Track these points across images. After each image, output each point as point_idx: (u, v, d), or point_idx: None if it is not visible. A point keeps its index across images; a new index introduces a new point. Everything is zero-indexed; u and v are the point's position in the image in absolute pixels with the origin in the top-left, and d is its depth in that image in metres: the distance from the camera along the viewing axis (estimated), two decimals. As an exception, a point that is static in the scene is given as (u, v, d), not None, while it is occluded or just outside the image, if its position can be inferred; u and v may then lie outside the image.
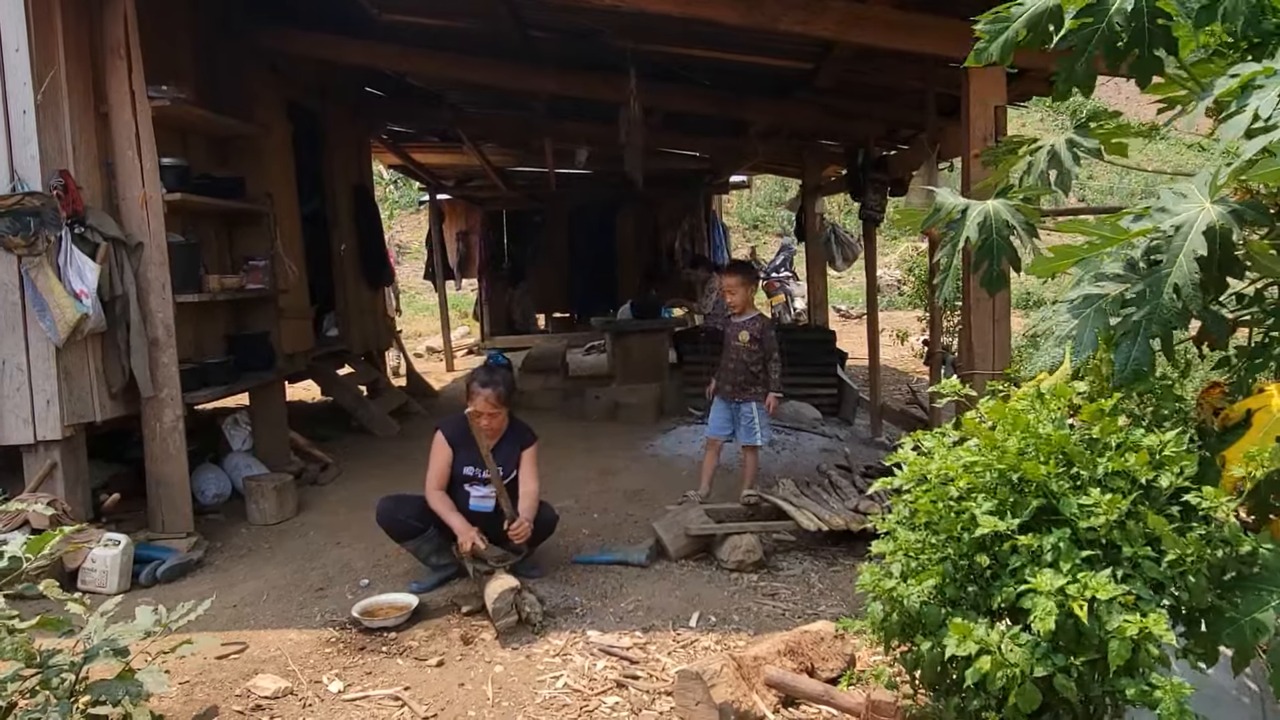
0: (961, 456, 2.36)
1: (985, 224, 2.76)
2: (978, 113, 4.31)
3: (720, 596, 4.06)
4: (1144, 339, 2.21)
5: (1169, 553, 2.07)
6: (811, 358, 7.71)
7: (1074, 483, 2.21)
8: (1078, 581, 2.02)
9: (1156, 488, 2.15)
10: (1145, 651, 1.99)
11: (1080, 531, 2.13)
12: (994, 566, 2.25)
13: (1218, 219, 2.12)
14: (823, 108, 6.71)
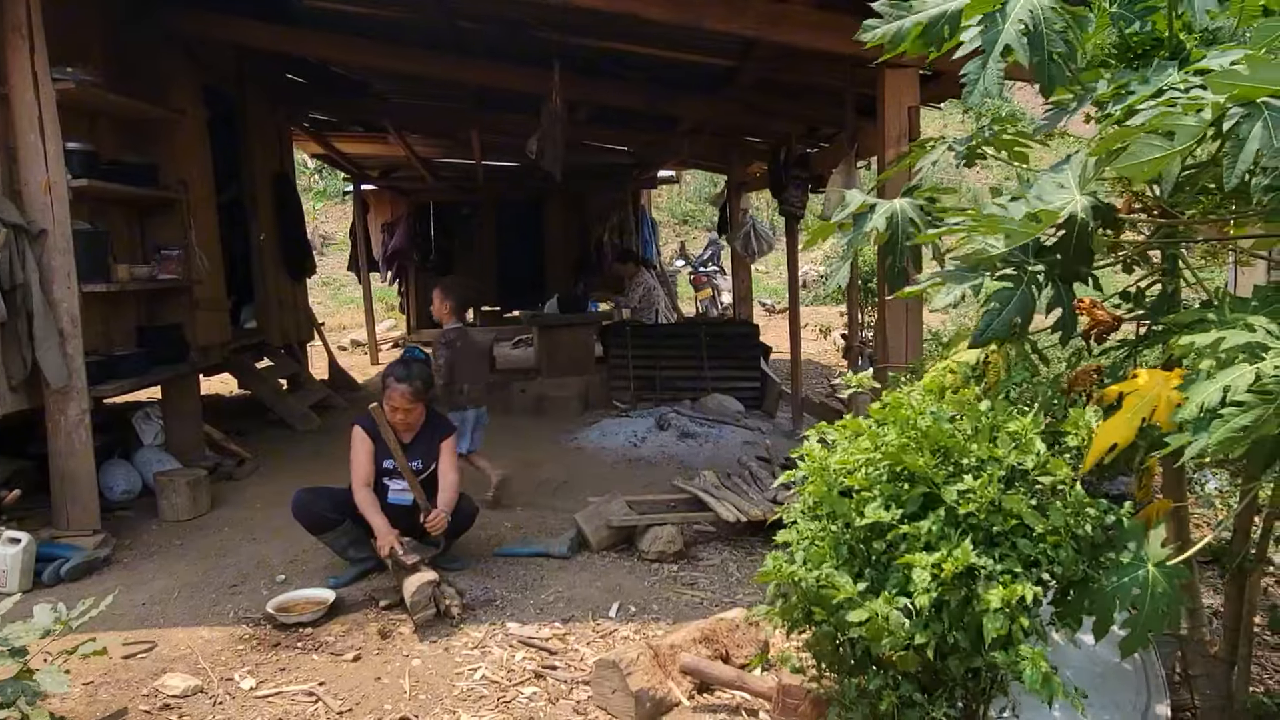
0: (857, 450, 2.46)
1: (892, 220, 2.87)
2: (892, 113, 4.43)
3: (640, 587, 4.11)
4: (1007, 315, 2.34)
5: (1039, 530, 2.19)
6: (735, 351, 7.83)
7: (952, 470, 2.31)
8: (952, 558, 2.13)
9: (1025, 469, 2.27)
10: (1018, 624, 2.10)
11: (960, 517, 2.24)
12: (890, 553, 2.35)
13: (1081, 211, 2.24)
14: (747, 105, 6.81)
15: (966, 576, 2.18)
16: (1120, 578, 2.25)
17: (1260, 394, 1.99)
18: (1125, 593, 2.24)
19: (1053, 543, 2.19)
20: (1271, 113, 2.09)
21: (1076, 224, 2.29)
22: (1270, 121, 2.08)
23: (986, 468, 2.30)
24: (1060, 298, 2.49)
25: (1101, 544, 2.37)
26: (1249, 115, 2.13)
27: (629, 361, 7.96)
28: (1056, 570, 2.20)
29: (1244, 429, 1.98)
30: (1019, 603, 2.14)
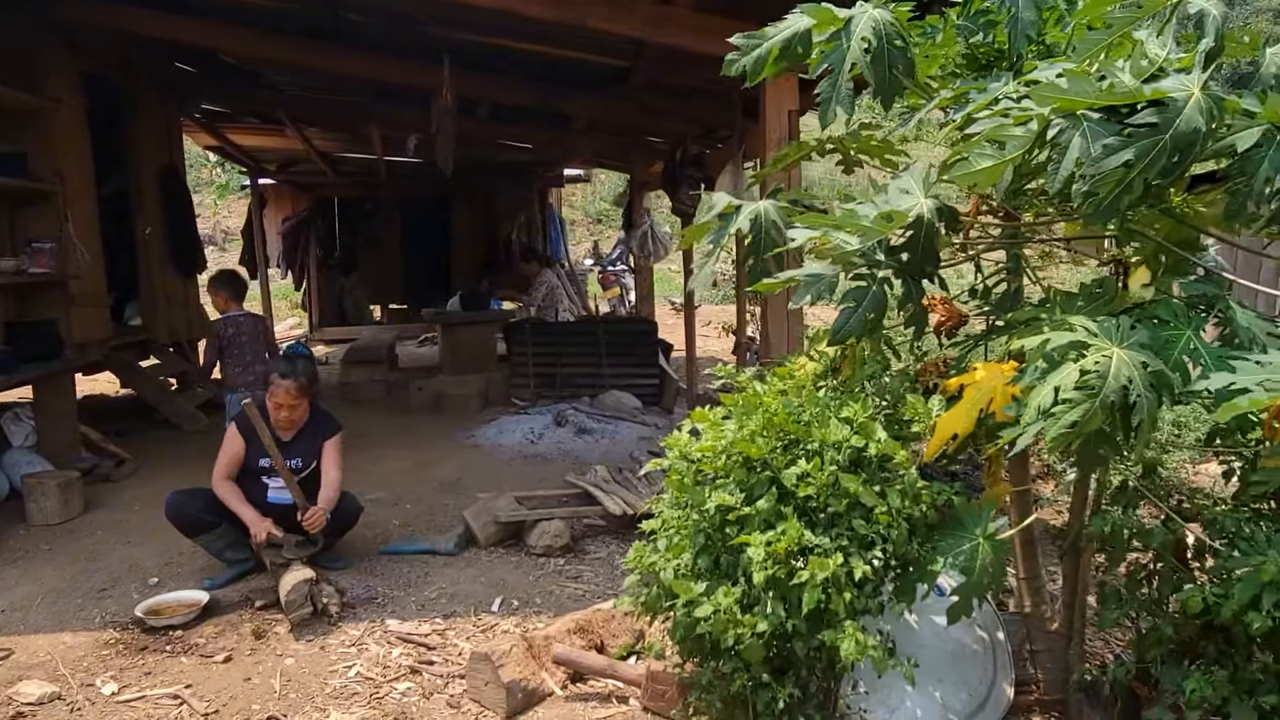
0: (713, 438, 2.55)
1: (756, 221, 2.97)
2: (773, 115, 4.57)
3: (525, 581, 4.14)
4: (862, 311, 2.46)
5: (877, 510, 2.32)
6: (633, 348, 7.91)
7: (796, 456, 2.42)
8: (785, 536, 2.23)
9: (867, 455, 2.40)
10: (840, 598, 2.21)
11: (800, 500, 2.34)
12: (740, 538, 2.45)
13: (927, 212, 2.38)
14: (640, 105, 6.89)
15: (803, 555, 2.29)
16: (954, 547, 2.40)
17: (1084, 390, 2.15)
18: (957, 559, 2.39)
19: (885, 522, 2.31)
20: (1090, 124, 2.26)
21: (924, 224, 2.43)
22: (1088, 133, 2.25)
23: (826, 452, 2.41)
24: (910, 294, 2.63)
25: (936, 524, 2.51)
26: (1070, 126, 2.30)
27: (529, 359, 7.96)
28: (889, 549, 2.32)
29: (1074, 424, 2.13)
30: (847, 578, 2.26)
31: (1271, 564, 2.23)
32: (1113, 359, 2.15)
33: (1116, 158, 2.15)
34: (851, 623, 2.21)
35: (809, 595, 2.19)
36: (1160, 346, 2.26)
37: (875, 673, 2.79)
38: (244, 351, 5.75)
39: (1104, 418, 2.12)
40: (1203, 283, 2.42)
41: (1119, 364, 2.14)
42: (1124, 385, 2.13)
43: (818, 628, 2.26)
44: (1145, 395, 2.12)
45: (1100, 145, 2.18)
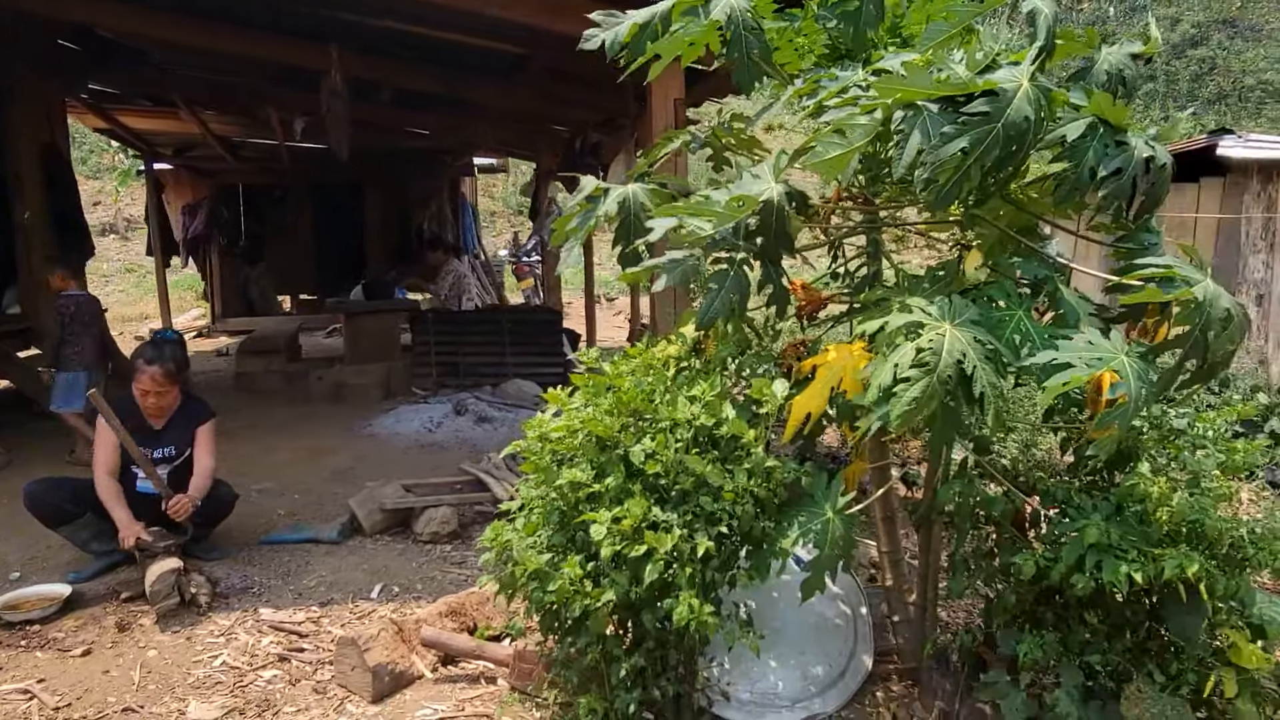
0: (570, 417, 2.57)
1: (624, 205, 3.00)
2: (659, 104, 4.61)
3: (409, 568, 4.11)
4: (725, 294, 2.52)
5: (725, 488, 2.38)
6: (538, 337, 7.90)
7: (642, 434, 2.47)
8: (630, 513, 2.27)
9: (719, 434, 2.45)
10: (682, 572, 2.27)
11: (649, 477, 2.39)
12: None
13: (777, 198, 2.44)
14: (542, 92, 6.87)
15: (653, 530, 2.33)
16: (806, 523, 2.47)
17: (921, 367, 2.24)
18: (808, 534, 2.46)
19: (730, 500, 2.37)
20: (930, 115, 2.35)
21: (774, 208, 2.49)
22: (929, 123, 2.35)
23: (676, 430, 2.46)
24: (770, 277, 2.69)
25: (787, 501, 2.59)
26: (911, 116, 2.39)
27: (431, 348, 7.88)
28: (735, 525, 2.38)
29: (915, 400, 2.22)
30: (690, 553, 2.31)
31: (1093, 527, 2.36)
32: (946, 336, 2.25)
33: (953, 145, 2.24)
34: (687, 592, 2.25)
35: (650, 568, 2.23)
36: (993, 325, 2.37)
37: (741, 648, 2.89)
38: (80, 332, 5.66)
39: (942, 393, 2.22)
40: (1035, 266, 2.54)
41: (952, 341, 2.24)
42: (958, 360, 2.22)
43: (663, 599, 2.31)
44: (981, 367, 2.23)
45: (939, 133, 2.27)
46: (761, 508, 2.46)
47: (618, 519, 2.27)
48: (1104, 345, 2.22)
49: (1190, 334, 2.20)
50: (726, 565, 2.48)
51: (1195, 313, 2.20)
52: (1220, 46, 29.74)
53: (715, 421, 2.45)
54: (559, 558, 2.44)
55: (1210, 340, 2.21)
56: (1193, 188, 8.94)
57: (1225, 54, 29.54)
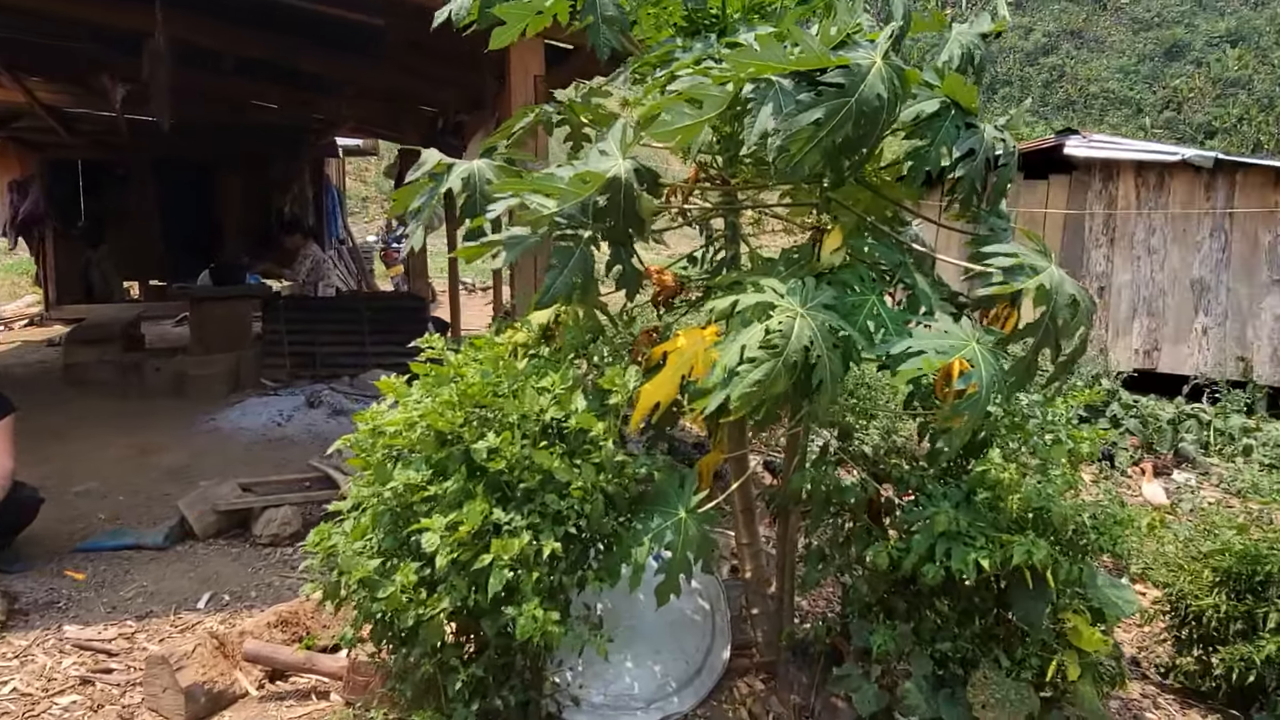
0: (405, 410, 2.37)
1: (469, 181, 2.80)
2: (519, 81, 4.42)
3: (244, 573, 3.79)
4: (568, 275, 2.37)
5: (574, 485, 2.22)
6: (400, 326, 7.53)
7: (485, 430, 2.29)
8: (469, 518, 2.10)
9: (569, 427, 2.30)
10: (528, 577, 2.11)
11: (493, 475, 2.22)
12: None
13: (625, 174, 2.30)
14: (406, 68, 6.53)
15: (491, 534, 2.16)
16: (659, 524, 2.34)
17: (769, 349, 2.14)
18: (660, 538, 2.34)
19: (578, 497, 2.22)
20: (781, 90, 2.26)
21: (621, 186, 2.34)
22: (780, 97, 2.25)
23: (523, 424, 2.29)
24: (620, 257, 2.54)
25: (640, 498, 2.45)
26: (763, 88, 2.29)
27: (283, 337, 7.42)
28: (583, 524, 2.23)
29: (758, 383, 2.11)
30: (535, 556, 2.15)
31: (943, 515, 2.32)
32: (796, 320, 2.16)
33: (808, 115, 2.15)
34: (533, 599, 2.09)
35: (495, 577, 2.06)
36: (847, 310, 2.30)
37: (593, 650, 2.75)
38: None
39: (789, 377, 2.13)
40: (891, 251, 2.49)
41: (803, 325, 2.15)
42: (806, 345, 2.13)
43: (505, 605, 2.14)
44: (827, 355, 2.14)
45: (793, 102, 2.18)
46: (612, 504, 2.32)
47: (453, 526, 2.08)
48: (956, 333, 2.17)
49: (1041, 321, 2.18)
50: (575, 566, 2.33)
51: (1042, 300, 2.18)
52: (1069, 55, 31.57)
53: (565, 414, 2.29)
54: (391, 563, 2.23)
55: (1059, 326, 2.20)
56: (1043, 184, 9.37)
57: (1073, 63, 31.38)
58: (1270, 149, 22.70)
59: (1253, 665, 2.97)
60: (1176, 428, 6.93)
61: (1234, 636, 3.06)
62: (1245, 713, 3.10)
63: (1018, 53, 31.09)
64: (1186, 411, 7.18)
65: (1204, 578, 3.19)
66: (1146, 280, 8.79)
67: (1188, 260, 8.59)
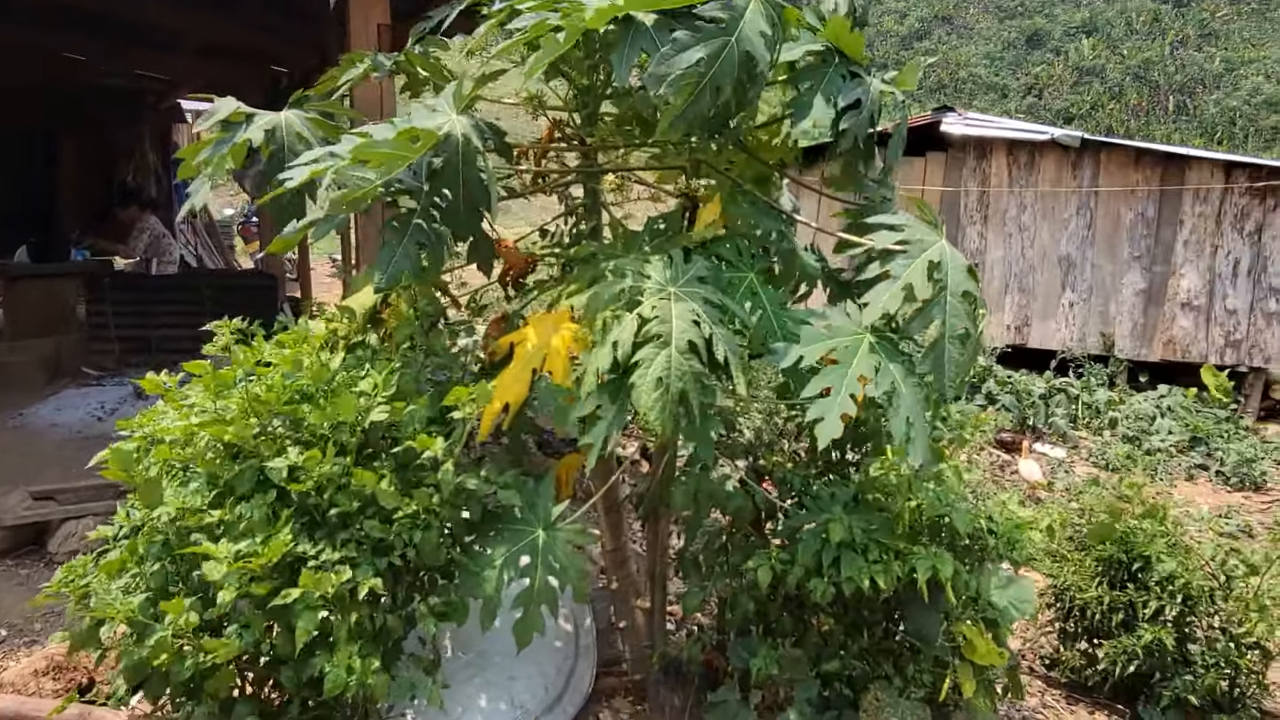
0: (183, 418, 1.92)
1: (275, 134, 2.35)
2: (359, 27, 3.97)
3: (27, 601, 3.22)
4: (404, 251, 1.97)
5: (401, 510, 1.83)
6: (246, 306, 6.86)
7: (290, 441, 1.88)
8: (269, 549, 1.69)
9: (399, 439, 1.91)
10: (345, 620, 1.72)
11: (300, 498, 1.81)
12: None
13: (461, 132, 1.91)
14: (258, 25, 5.87)
15: (297, 568, 1.75)
16: (511, 548, 1.98)
17: (653, 341, 1.79)
18: (513, 564, 1.98)
19: (405, 525, 1.83)
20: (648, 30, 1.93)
21: (459, 145, 1.95)
22: (650, 36, 1.92)
23: (335, 436, 1.88)
24: (463, 229, 2.15)
25: (487, 517, 2.08)
26: (626, 29, 1.95)
27: (110, 319, 6.64)
28: (411, 554, 1.85)
29: (660, 382, 1.76)
30: (351, 595, 1.76)
31: (838, 523, 2.03)
32: (671, 302, 1.82)
33: (688, 55, 1.82)
34: (347, 646, 1.70)
35: (305, 619, 1.65)
36: (723, 288, 1.98)
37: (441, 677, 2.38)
38: None
39: (689, 364, 1.78)
40: (770, 218, 2.18)
41: (680, 308, 1.81)
42: (693, 321, 1.80)
43: (315, 652, 1.74)
44: (719, 331, 1.82)
45: (668, 40, 1.84)
46: (448, 529, 1.94)
47: (246, 555, 1.66)
48: (844, 327, 1.88)
49: (937, 300, 1.91)
50: (405, 603, 1.94)
51: (936, 278, 1.91)
52: (940, 41, 32.56)
53: (394, 422, 1.89)
54: (159, 603, 1.79)
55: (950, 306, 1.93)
56: (920, 161, 9.39)
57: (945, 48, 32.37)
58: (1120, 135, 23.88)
59: (1135, 656, 2.84)
60: (1048, 403, 7.01)
61: (1117, 628, 2.93)
62: (1131, 706, 2.99)
63: (893, 37, 31.89)
64: (1056, 386, 7.29)
65: (1087, 567, 3.05)
66: (1018, 257, 8.93)
67: (1056, 237, 8.76)
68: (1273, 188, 7.88)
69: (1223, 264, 8.10)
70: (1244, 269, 8.04)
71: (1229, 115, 26.43)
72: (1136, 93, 28.60)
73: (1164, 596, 2.87)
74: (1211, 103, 27.25)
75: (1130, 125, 27.50)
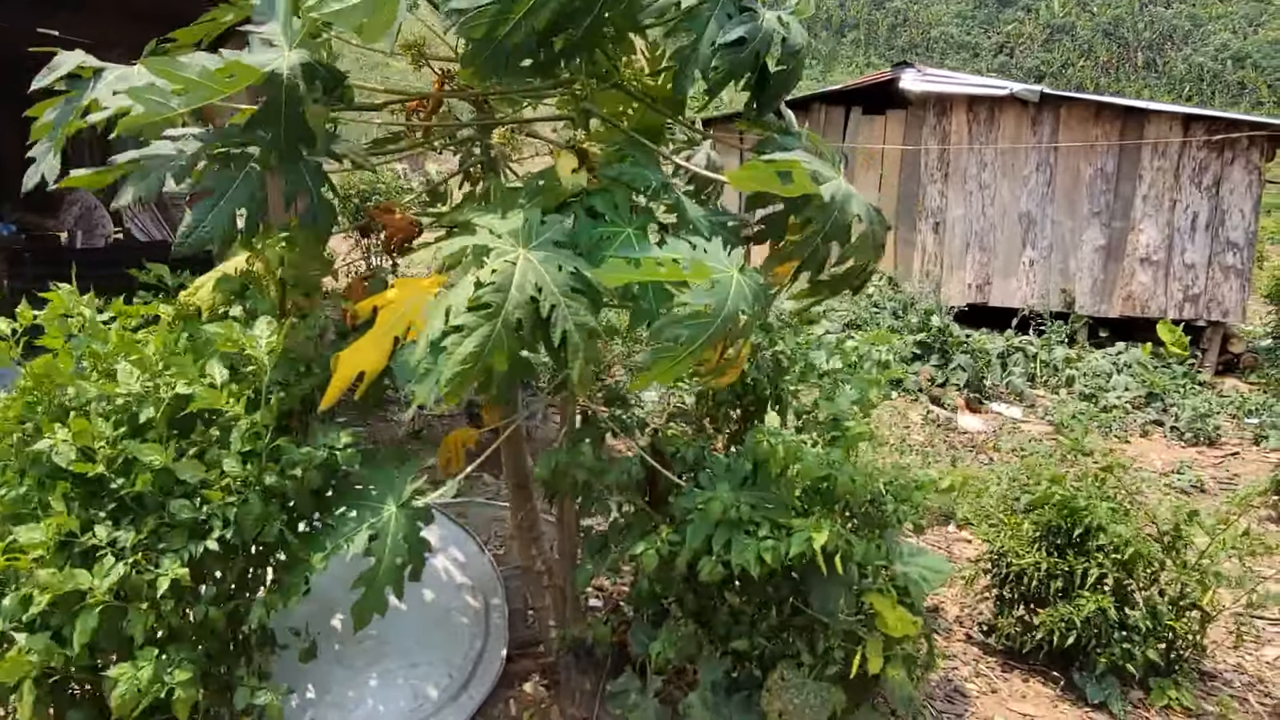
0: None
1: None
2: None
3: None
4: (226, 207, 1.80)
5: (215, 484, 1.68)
6: (179, 281, 6.65)
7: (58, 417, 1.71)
8: (41, 537, 1.53)
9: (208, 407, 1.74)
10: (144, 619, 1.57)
11: (76, 478, 1.65)
12: None
13: (288, 70, 1.72)
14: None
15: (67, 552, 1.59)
16: (354, 526, 1.82)
17: (482, 310, 1.63)
18: (354, 540, 1.82)
19: (219, 500, 1.67)
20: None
21: (283, 86, 1.76)
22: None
23: (118, 408, 1.72)
24: (302, 181, 1.98)
25: (336, 491, 1.93)
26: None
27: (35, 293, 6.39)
28: (229, 534, 1.69)
29: (471, 357, 1.60)
30: (150, 587, 1.59)
31: (717, 501, 1.89)
32: (518, 265, 1.66)
33: None
34: (146, 650, 1.54)
35: (83, 620, 1.49)
36: (595, 244, 1.82)
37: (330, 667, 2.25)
38: None
39: (514, 342, 1.63)
40: (648, 171, 2.00)
41: (525, 270, 1.65)
42: (532, 296, 1.64)
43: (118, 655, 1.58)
44: (565, 304, 1.66)
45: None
46: (282, 504, 1.78)
47: (13, 549, 1.50)
48: (717, 256, 1.71)
49: (811, 240, 1.75)
50: (239, 590, 1.79)
51: (820, 215, 1.76)
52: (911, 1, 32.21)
53: (189, 391, 1.72)
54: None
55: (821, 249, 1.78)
56: (880, 120, 9.21)
57: (916, 8, 32.04)
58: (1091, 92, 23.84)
59: (1073, 626, 2.75)
60: (1005, 361, 6.93)
61: (1054, 596, 2.83)
62: (1065, 674, 2.90)
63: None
64: (1015, 344, 7.21)
65: (1025, 532, 2.95)
66: (978, 215, 8.80)
67: (1016, 194, 8.64)
68: (1230, 140, 7.79)
69: (1181, 218, 8.02)
70: (1202, 223, 7.96)
71: (1197, 71, 26.42)
72: (1106, 50, 28.53)
73: (1105, 563, 2.77)
74: (1180, 59, 27.22)
75: (1101, 82, 27.42)
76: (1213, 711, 2.81)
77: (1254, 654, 3.24)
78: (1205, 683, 2.99)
